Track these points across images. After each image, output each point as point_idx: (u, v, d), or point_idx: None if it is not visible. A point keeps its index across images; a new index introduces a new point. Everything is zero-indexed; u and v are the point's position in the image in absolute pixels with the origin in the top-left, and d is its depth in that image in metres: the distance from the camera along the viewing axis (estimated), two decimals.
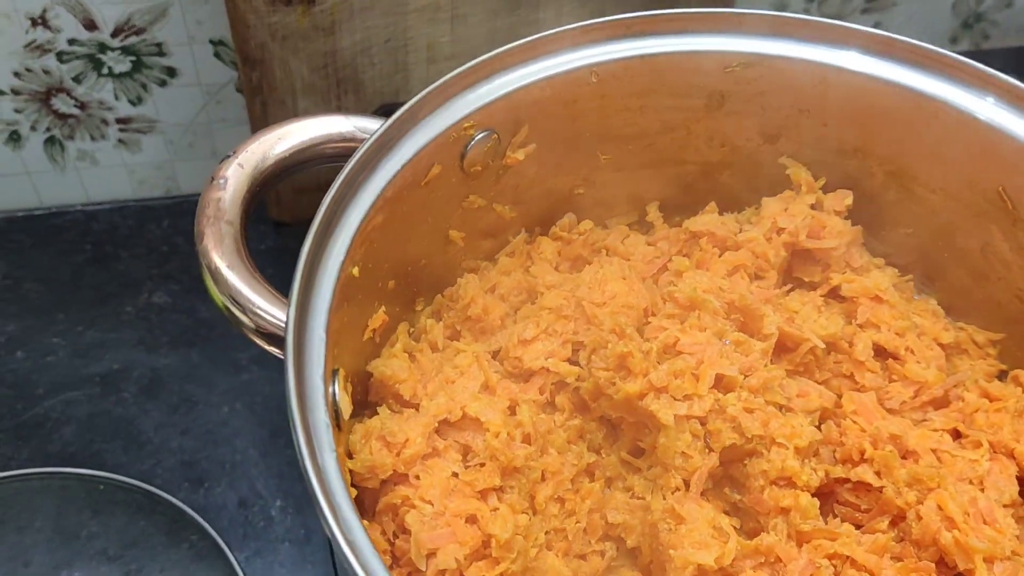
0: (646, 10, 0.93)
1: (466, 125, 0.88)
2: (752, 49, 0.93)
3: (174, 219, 1.38)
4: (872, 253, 1.00)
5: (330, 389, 0.73)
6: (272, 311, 0.77)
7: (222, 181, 0.81)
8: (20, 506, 1.08)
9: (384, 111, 0.93)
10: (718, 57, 0.94)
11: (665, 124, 0.98)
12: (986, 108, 0.89)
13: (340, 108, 1.22)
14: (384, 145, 0.84)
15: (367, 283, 0.84)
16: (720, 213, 1.01)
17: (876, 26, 1.40)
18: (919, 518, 0.79)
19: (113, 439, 1.18)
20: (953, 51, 0.91)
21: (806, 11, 1.40)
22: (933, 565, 0.78)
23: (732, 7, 1.23)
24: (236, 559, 1.05)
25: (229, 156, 0.82)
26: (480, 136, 0.89)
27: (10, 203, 1.37)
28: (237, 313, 0.78)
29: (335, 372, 0.77)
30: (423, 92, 0.85)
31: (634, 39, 0.93)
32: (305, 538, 1.12)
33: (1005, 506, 0.80)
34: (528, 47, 0.90)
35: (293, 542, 1.12)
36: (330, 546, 1.10)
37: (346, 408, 0.78)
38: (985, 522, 0.78)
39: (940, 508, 0.79)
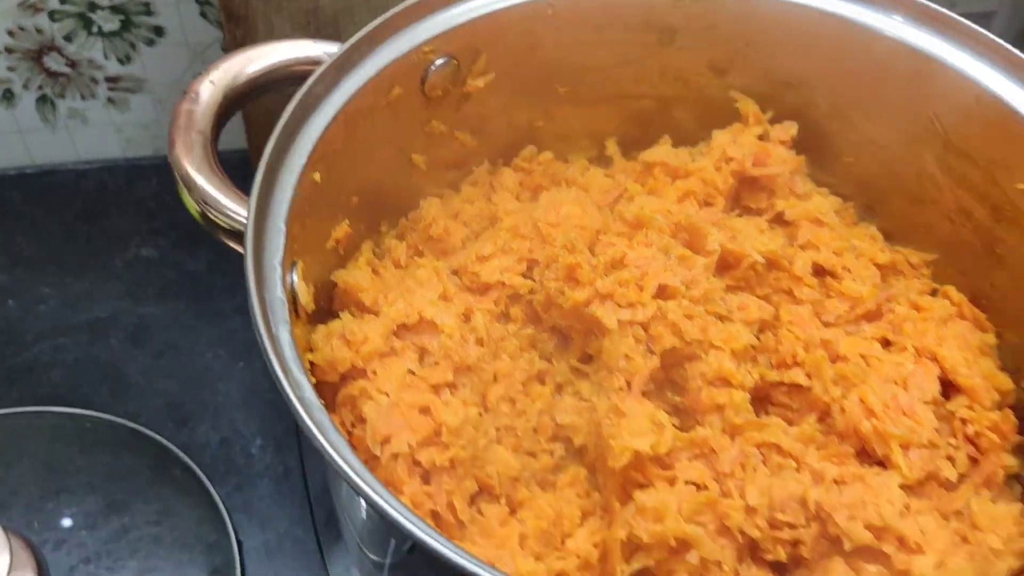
0: None
1: (426, 49, 0.91)
2: None
3: (162, 177, 1.40)
4: (817, 184, 1.02)
5: (288, 277, 0.76)
6: (241, 211, 0.79)
7: (194, 95, 0.84)
8: (8, 442, 1.11)
9: None
10: None
11: (620, 58, 1.01)
12: (895, 27, 0.94)
13: None
14: (346, 63, 0.87)
15: (330, 193, 0.86)
16: (674, 147, 1.04)
17: None
18: (843, 411, 0.83)
19: (100, 382, 1.21)
20: None
21: None
22: (852, 450, 0.82)
23: None
24: (217, 493, 1.08)
25: (201, 74, 0.86)
26: (440, 62, 0.93)
27: (2, 161, 1.40)
28: (211, 215, 0.80)
29: (294, 264, 0.80)
30: (384, 15, 0.88)
31: None
32: (284, 475, 1.15)
33: (926, 403, 0.83)
34: None
35: (272, 478, 1.15)
36: (305, 480, 1.13)
37: (304, 296, 0.81)
38: (904, 414, 0.81)
39: (862, 401, 0.82)
